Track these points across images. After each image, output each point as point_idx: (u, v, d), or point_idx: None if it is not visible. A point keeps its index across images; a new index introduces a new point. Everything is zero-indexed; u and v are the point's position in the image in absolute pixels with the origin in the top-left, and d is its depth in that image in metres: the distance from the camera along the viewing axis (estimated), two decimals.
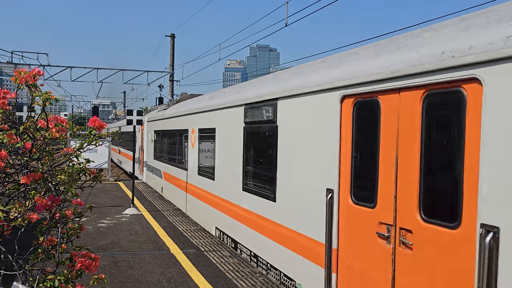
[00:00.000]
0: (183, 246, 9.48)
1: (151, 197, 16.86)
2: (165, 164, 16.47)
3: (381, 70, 4.52)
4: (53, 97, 3.17)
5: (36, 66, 22.33)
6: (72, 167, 3.31)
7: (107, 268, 7.80)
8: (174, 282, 7.17)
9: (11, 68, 30.56)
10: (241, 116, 8.42)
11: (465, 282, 3.58)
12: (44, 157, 3.21)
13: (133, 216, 12.93)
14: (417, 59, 4.05)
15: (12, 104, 3.30)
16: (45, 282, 3.05)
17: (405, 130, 4.27)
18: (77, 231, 3.45)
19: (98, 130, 3.37)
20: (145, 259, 8.44)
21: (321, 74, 5.79)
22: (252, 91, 8.11)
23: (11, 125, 3.21)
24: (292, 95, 6.43)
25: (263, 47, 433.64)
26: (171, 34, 30.55)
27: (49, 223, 3.23)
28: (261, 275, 7.39)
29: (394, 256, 4.38)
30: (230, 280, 7.27)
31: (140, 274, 7.52)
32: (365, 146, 4.92)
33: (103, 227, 11.32)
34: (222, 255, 8.71)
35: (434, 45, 3.95)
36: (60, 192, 3.19)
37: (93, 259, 3.31)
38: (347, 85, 5.08)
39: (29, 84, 3.09)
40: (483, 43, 3.43)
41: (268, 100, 7.23)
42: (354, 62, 5.18)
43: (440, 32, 4.07)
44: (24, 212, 3.01)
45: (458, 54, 3.61)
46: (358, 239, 4.96)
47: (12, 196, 3.22)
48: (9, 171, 3.15)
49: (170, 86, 30.67)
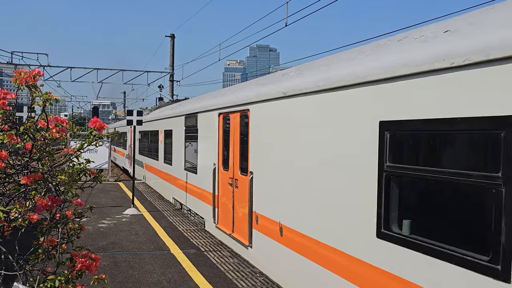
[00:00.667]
0: (183, 246, 9.49)
1: (151, 197, 16.87)
2: (146, 158, 21.34)
3: (230, 103, 9.00)
4: (53, 98, 3.17)
5: (36, 67, 22.35)
6: (72, 168, 3.31)
7: (107, 268, 7.80)
8: (175, 282, 7.18)
9: (11, 69, 30.57)
10: (183, 122, 13.38)
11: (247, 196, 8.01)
12: (45, 158, 3.22)
13: (133, 216, 12.93)
14: (234, 100, 8.76)
15: (12, 105, 3.31)
16: (45, 282, 3.05)
17: (235, 131, 8.85)
18: (77, 232, 3.46)
19: (99, 131, 3.37)
20: (146, 259, 8.45)
21: (210, 100, 10.84)
22: (187, 107, 13.32)
23: (11, 125, 3.21)
24: (202, 111, 11.26)
25: (263, 47, 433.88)
26: (171, 35, 30.57)
27: (49, 224, 3.23)
28: (261, 275, 7.40)
29: (233, 193, 8.98)
30: (230, 280, 7.27)
31: (140, 274, 7.52)
32: (225, 142, 9.56)
33: (104, 227, 11.33)
34: (222, 255, 8.71)
35: (238, 94, 8.91)
36: (60, 193, 3.20)
37: (93, 260, 3.31)
38: (221, 107, 9.64)
39: (29, 84, 3.09)
40: (250, 96, 7.95)
41: (194, 113, 12.10)
42: (223, 97, 9.93)
43: (242, 88, 9.18)
44: (24, 213, 3.01)
45: (244, 101, 8.24)
46: (224, 187, 9.58)
47: (13, 196, 3.22)
48: (9, 172, 3.16)
49: (170, 86, 30.68)
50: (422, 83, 3.86)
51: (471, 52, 3.37)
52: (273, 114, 7.02)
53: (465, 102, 3.44)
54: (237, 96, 8.72)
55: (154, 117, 18.76)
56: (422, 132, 3.88)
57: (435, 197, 3.91)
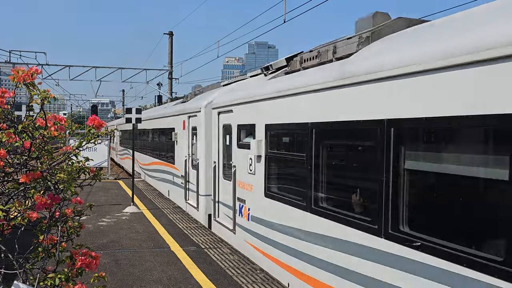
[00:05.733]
0: (184, 243, 9.50)
1: (151, 195, 16.87)
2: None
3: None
4: (52, 96, 3.16)
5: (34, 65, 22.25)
6: (71, 166, 3.31)
7: (107, 266, 7.81)
8: (175, 279, 7.18)
9: (9, 68, 30.49)
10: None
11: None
12: (43, 156, 3.21)
13: (133, 214, 12.94)
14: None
15: (11, 103, 3.30)
16: (45, 280, 3.05)
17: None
18: (77, 230, 3.46)
19: (97, 129, 3.36)
20: (146, 257, 8.45)
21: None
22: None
23: (9, 124, 3.20)
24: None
25: (261, 44, 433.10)
26: (169, 32, 30.50)
27: (49, 222, 3.23)
28: (262, 272, 7.40)
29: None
30: (230, 277, 7.28)
31: (140, 272, 7.53)
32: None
33: (104, 225, 11.33)
34: (223, 252, 8.72)
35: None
36: (59, 191, 3.19)
37: (93, 258, 3.31)
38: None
39: (27, 82, 3.08)
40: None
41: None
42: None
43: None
44: (23, 211, 3.01)
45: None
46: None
47: (12, 195, 3.21)
48: (8, 170, 3.15)
49: (169, 84, 30.66)
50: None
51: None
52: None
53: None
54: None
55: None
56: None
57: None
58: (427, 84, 3.80)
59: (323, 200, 5.63)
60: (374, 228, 4.47)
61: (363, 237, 4.64)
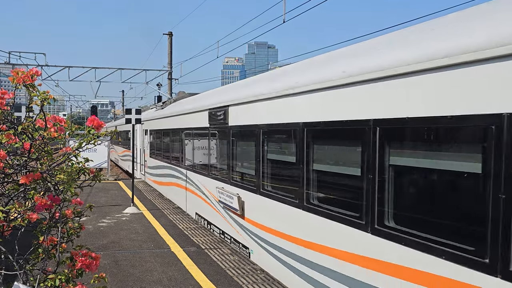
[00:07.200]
0: (184, 244, 9.50)
1: (151, 195, 16.87)
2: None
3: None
4: (51, 97, 3.16)
5: (34, 66, 22.30)
6: (71, 167, 3.31)
7: (108, 267, 7.81)
8: (175, 280, 7.18)
9: (8, 69, 30.50)
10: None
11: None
12: (43, 157, 3.21)
13: (133, 215, 12.94)
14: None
15: (10, 105, 3.30)
16: (46, 281, 3.05)
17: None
18: (77, 231, 3.45)
19: (97, 130, 3.36)
20: (146, 258, 8.45)
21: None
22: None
23: (9, 125, 3.20)
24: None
25: (261, 44, 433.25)
26: (169, 32, 30.50)
27: (49, 223, 3.22)
28: (262, 272, 7.41)
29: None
30: (231, 277, 7.28)
31: (141, 273, 7.53)
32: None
33: (104, 226, 11.33)
34: (223, 253, 8.72)
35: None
36: (59, 192, 3.19)
37: (93, 258, 3.30)
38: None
39: (27, 84, 3.08)
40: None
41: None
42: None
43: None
44: (24, 212, 3.00)
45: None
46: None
47: (12, 196, 3.21)
48: (8, 172, 3.15)
49: (169, 84, 30.66)
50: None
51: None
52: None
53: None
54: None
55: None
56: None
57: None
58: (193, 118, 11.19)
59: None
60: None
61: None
